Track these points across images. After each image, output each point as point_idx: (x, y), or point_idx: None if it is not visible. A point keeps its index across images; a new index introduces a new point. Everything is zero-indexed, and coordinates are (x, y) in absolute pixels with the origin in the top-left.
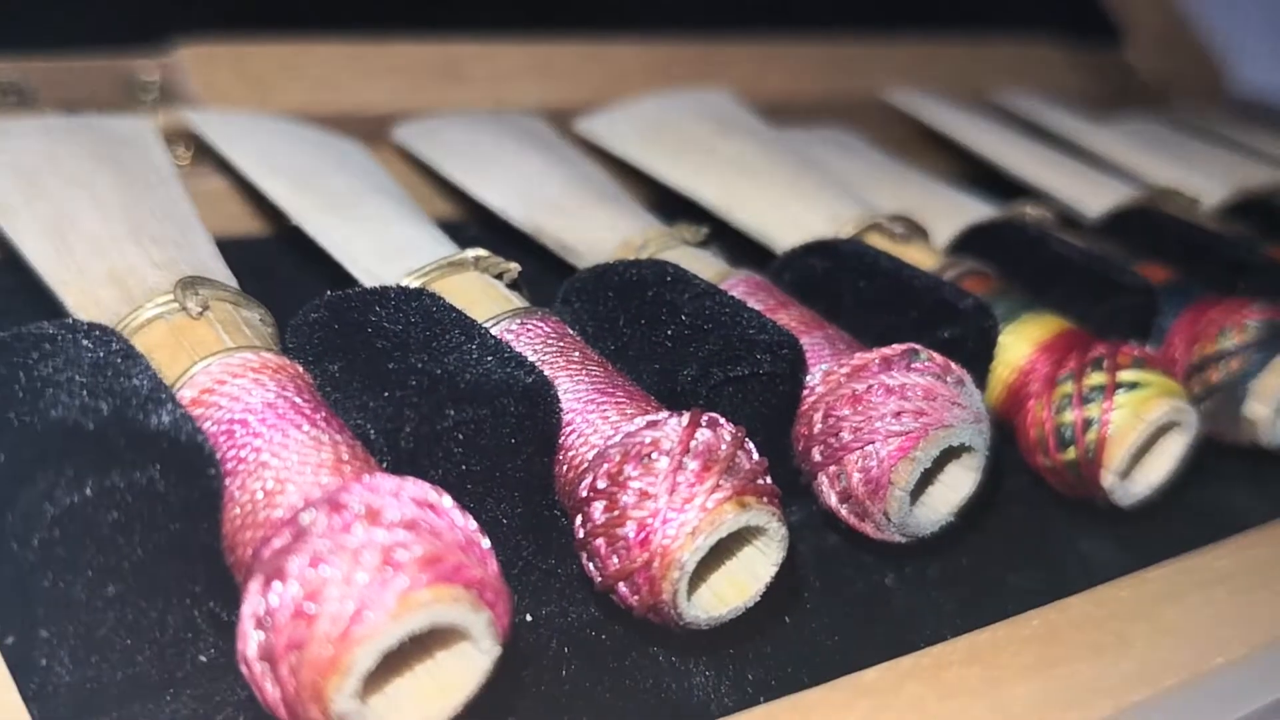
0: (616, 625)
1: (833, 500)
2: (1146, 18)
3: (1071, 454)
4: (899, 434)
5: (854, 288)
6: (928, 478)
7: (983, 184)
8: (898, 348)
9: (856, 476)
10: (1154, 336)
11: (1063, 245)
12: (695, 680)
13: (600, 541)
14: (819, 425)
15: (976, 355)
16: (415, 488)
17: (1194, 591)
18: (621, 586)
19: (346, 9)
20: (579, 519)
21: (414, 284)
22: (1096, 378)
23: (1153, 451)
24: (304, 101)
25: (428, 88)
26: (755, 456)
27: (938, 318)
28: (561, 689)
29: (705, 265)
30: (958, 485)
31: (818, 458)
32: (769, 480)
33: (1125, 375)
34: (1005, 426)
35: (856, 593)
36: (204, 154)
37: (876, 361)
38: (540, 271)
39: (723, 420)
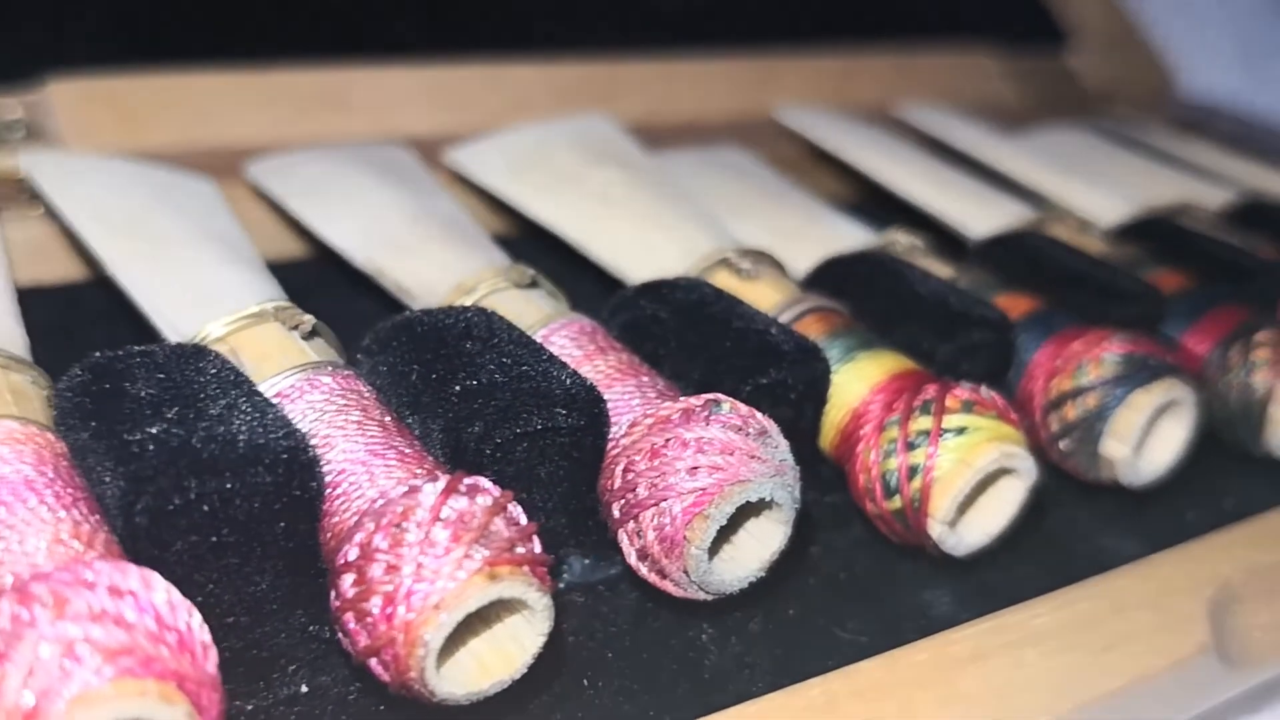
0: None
1: (633, 558)
2: (1093, 21)
3: (897, 502)
4: (693, 491)
5: (679, 331)
6: (733, 532)
7: (883, 205)
8: (700, 399)
9: (652, 534)
10: (1017, 370)
11: (919, 278)
12: None
13: (349, 616)
14: (618, 480)
15: (806, 399)
16: (115, 575)
17: (1001, 653)
18: (373, 663)
19: (229, 37)
20: (333, 591)
21: (216, 333)
22: (923, 422)
23: (988, 498)
24: (178, 136)
25: (311, 117)
26: (521, 522)
27: (762, 361)
28: None
29: (533, 309)
30: (767, 540)
31: (617, 514)
32: (534, 547)
33: (952, 420)
34: (842, 471)
35: (669, 650)
36: None
37: (677, 414)
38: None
39: (485, 484)
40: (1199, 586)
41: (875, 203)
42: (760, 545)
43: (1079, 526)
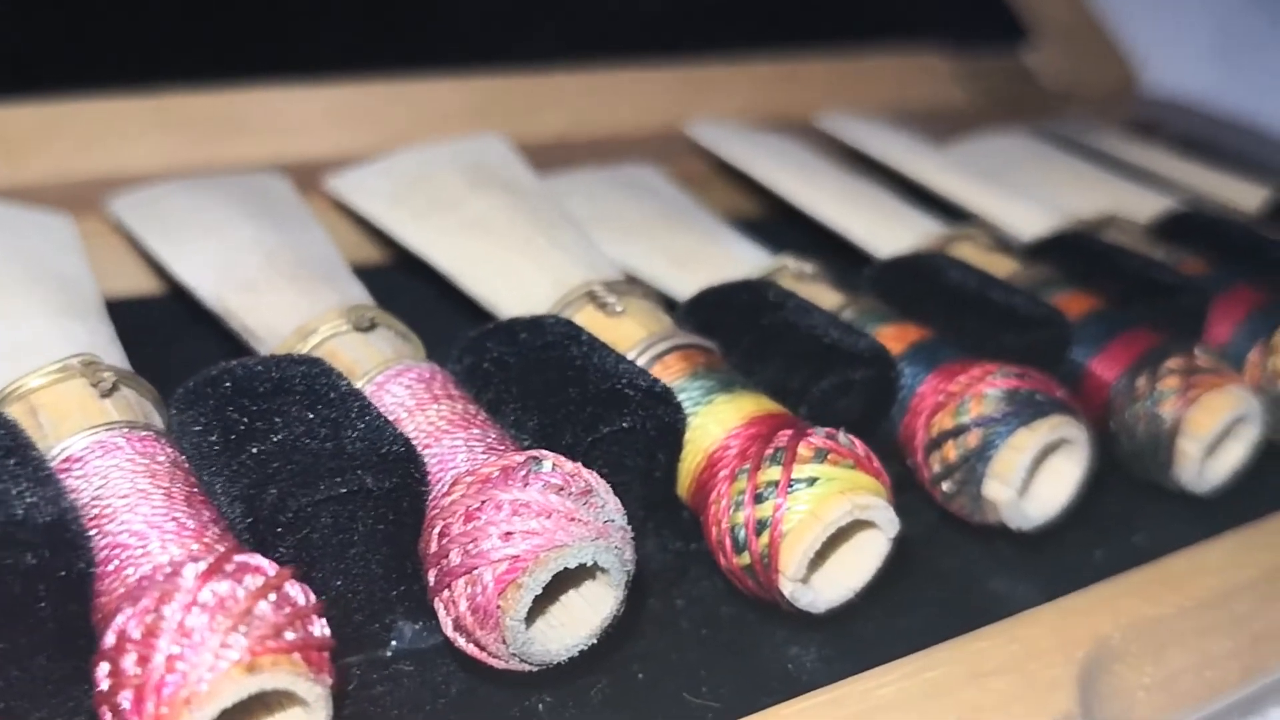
0: None
1: (450, 629)
2: (1054, 16)
3: (746, 558)
4: (506, 558)
5: (522, 377)
6: (563, 595)
7: (801, 223)
8: (522, 455)
9: (464, 604)
10: (901, 407)
11: (798, 309)
12: None
13: (105, 710)
14: (434, 545)
15: (659, 446)
16: None
17: None
18: None
19: (117, 61)
20: (94, 683)
21: (18, 390)
22: (772, 472)
23: (848, 551)
24: (62, 167)
25: (204, 142)
26: (299, 603)
27: (606, 410)
28: None
29: (372, 354)
30: (598, 604)
31: (432, 581)
32: (312, 630)
33: (803, 469)
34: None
35: None
36: None
37: (496, 472)
38: None
39: (257, 563)
40: (1069, 646)
41: (791, 221)
42: (592, 610)
43: (972, 570)
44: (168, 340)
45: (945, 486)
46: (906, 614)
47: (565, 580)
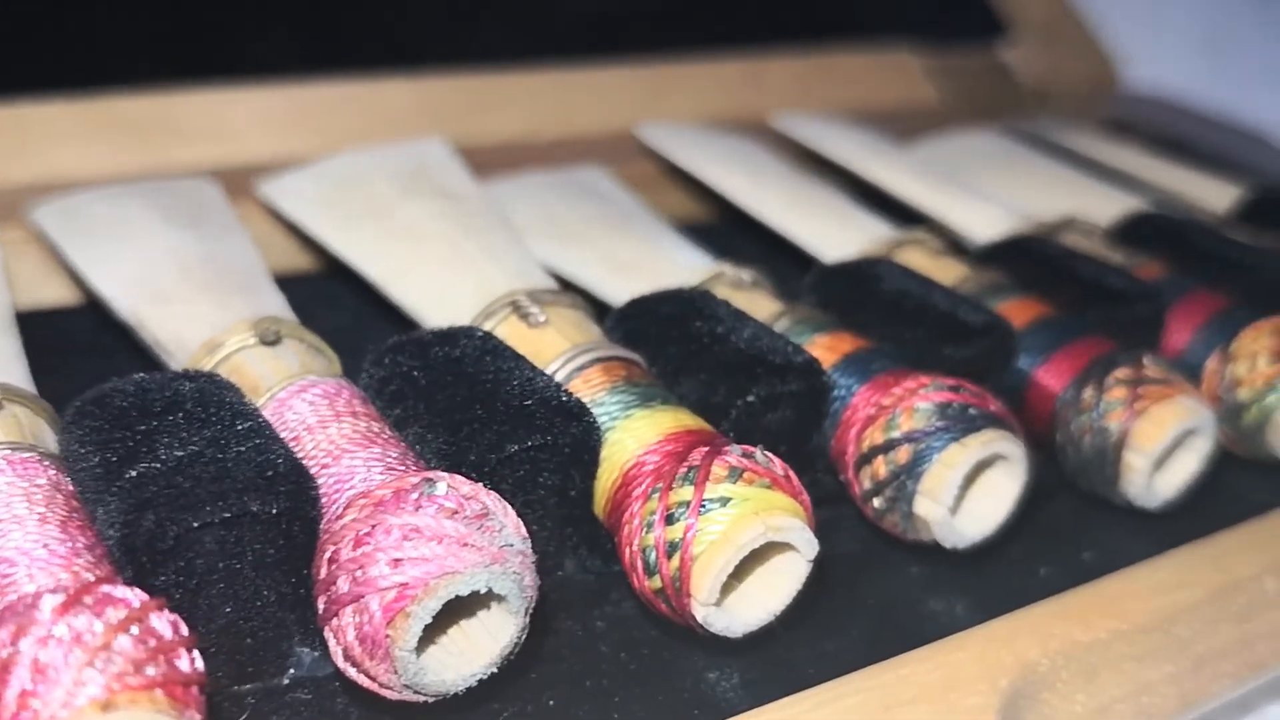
0: None
1: (340, 659)
2: (1033, 10)
3: (658, 582)
4: (394, 586)
5: (429, 393)
6: (464, 621)
7: (757, 228)
8: (416, 477)
9: (352, 634)
10: (834, 420)
11: (727, 319)
12: None
13: None
14: (323, 571)
15: (573, 464)
16: None
17: None
18: None
19: (50, 64)
20: None
21: None
22: (684, 492)
23: (766, 572)
24: None
25: (141, 148)
26: (165, 636)
27: (517, 426)
28: None
29: (279, 368)
30: (499, 632)
31: (321, 609)
32: (179, 664)
33: (716, 489)
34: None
35: None
36: None
37: (389, 495)
38: None
39: (121, 594)
40: (994, 674)
41: (746, 225)
42: (491, 639)
43: (910, 589)
44: (86, 353)
45: (876, 503)
46: (836, 636)
47: (462, 607)
